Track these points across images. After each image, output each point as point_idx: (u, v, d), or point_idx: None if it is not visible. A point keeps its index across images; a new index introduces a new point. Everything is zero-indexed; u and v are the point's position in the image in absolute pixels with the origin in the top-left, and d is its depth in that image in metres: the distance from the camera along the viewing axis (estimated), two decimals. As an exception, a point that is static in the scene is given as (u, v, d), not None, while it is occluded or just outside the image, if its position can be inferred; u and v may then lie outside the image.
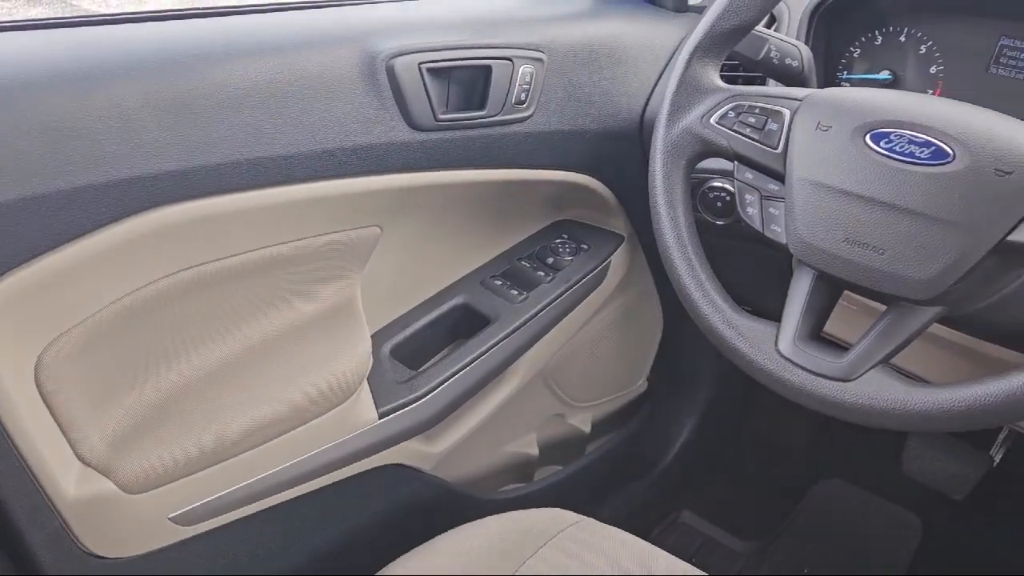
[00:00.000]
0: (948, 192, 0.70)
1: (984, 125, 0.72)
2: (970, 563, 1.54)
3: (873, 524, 1.62)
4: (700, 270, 0.84)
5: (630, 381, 1.55)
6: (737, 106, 0.83)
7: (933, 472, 1.51)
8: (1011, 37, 0.98)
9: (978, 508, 1.54)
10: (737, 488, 1.73)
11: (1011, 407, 0.67)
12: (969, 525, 1.58)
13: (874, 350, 0.75)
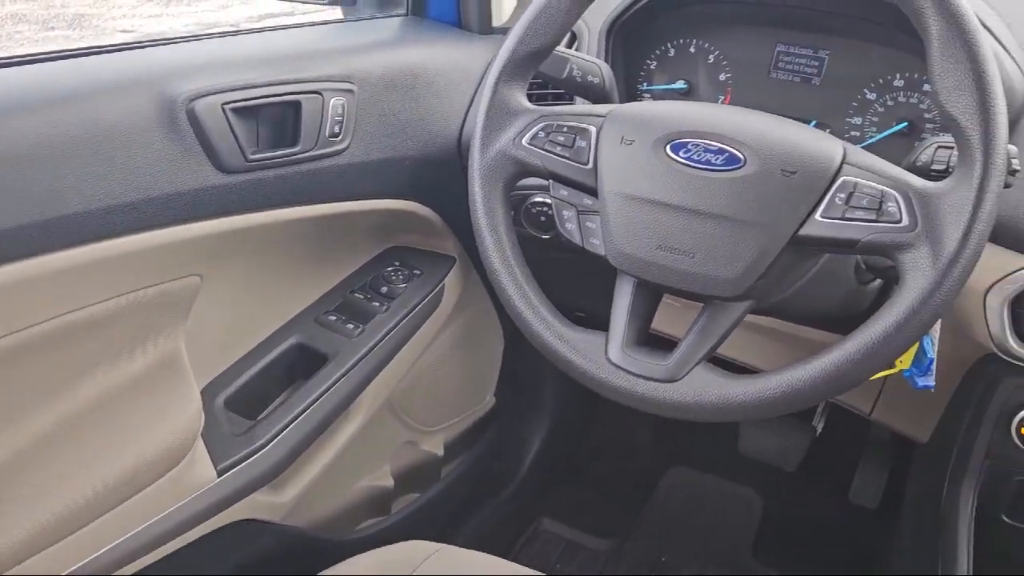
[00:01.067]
0: (743, 195, 0.75)
1: (769, 130, 0.78)
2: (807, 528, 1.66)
3: (719, 505, 1.71)
4: (528, 289, 0.86)
5: (477, 399, 1.56)
6: (546, 126, 0.86)
7: (766, 448, 1.61)
8: (785, 44, 1.07)
9: (808, 476, 1.66)
10: (592, 489, 1.77)
11: (818, 389, 0.73)
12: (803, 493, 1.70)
13: (695, 349, 0.79)
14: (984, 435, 0.97)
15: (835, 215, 0.73)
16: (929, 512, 1.08)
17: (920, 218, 0.70)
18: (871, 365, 0.71)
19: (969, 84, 0.68)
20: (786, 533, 1.65)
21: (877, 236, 0.71)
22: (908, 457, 1.35)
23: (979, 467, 0.99)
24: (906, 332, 0.70)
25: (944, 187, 0.70)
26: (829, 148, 0.76)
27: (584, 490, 1.77)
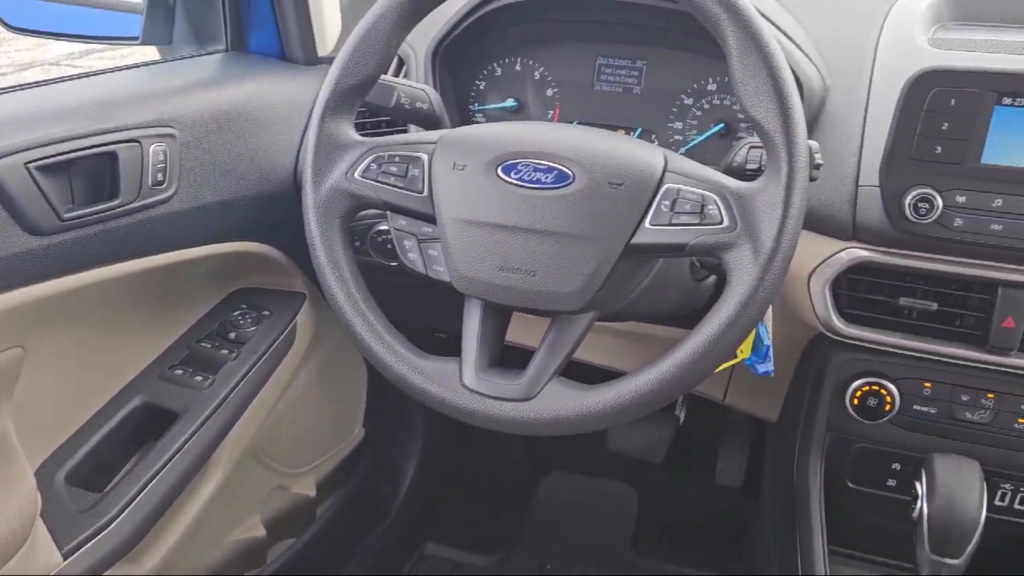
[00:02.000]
0: (575, 210, 0.77)
1: (594, 145, 0.80)
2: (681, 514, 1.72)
3: (596, 504, 1.75)
4: (376, 323, 0.85)
5: (347, 432, 1.53)
6: (378, 157, 0.85)
7: (633, 443, 1.66)
8: (605, 57, 1.11)
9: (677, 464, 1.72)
10: (472, 506, 1.77)
11: (667, 390, 0.76)
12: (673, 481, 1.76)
13: (547, 365, 0.80)
14: (823, 409, 1.04)
15: (662, 222, 0.76)
16: (784, 485, 1.14)
17: (739, 218, 0.74)
18: (711, 361, 0.75)
19: (768, 90, 0.73)
20: (662, 522, 1.71)
21: (702, 239, 0.75)
22: (763, 436, 1.42)
23: (823, 440, 1.06)
24: (738, 326, 0.74)
25: (757, 187, 0.74)
26: (651, 158, 0.79)
27: (464, 508, 1.76)
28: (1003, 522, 1.03)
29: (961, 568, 0.89)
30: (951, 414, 0.98)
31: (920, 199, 0.86)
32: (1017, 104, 0.83)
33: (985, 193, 0.86)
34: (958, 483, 0.90)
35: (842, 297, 0.96)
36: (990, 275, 0.89)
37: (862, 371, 1.00)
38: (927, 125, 0.85)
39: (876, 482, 1.06)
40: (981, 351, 0.92)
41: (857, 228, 0.92)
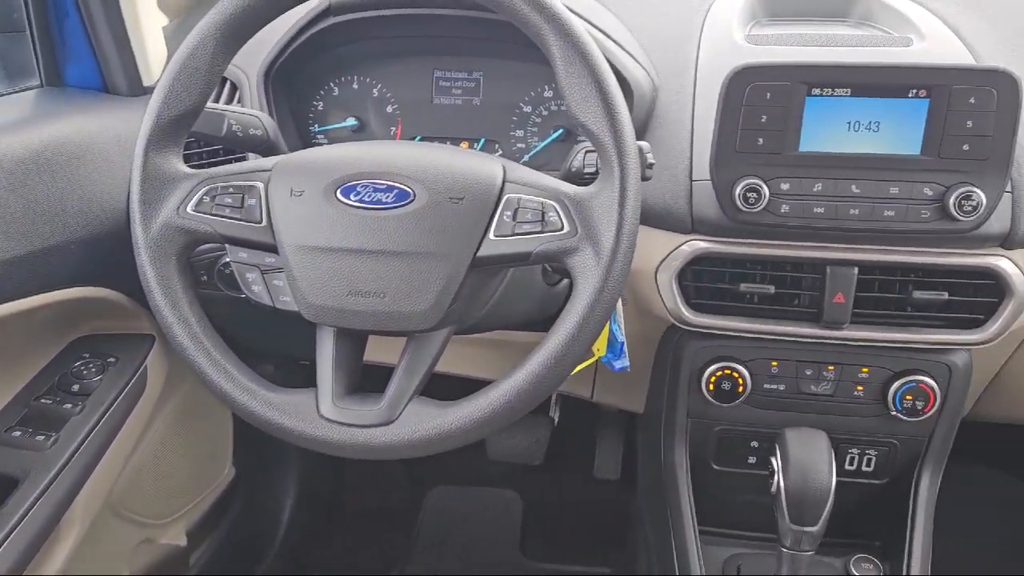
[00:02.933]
0: (418, 228, 0.77)
1: (433, 161, 0.80)
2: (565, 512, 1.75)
3: (482, 513, 1.75)
4: (224, 361, 0.81)
5: (215, 474, 1.46)
6: (210, 189, 0.82)
7: (512, 449, 1.67)
8: (442, 70, 1.11)
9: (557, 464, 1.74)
10: (356, 532, 1.74)
11: (526, 398, 0.76)
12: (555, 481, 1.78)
13: (406, 386, 0.79)
14: (683, 397, 1.08)
15: (506, 232, 0.77)
16: (655, 473, 1.17)
17: (578, 223, 0.76)
18: (566, 365, 0.76)
19: (594, 96, 0.74)
20: (547, 523, 1.73)
21: (546, 246, 0.76)
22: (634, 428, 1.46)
23: (685, 426, 1.10)
24: (588, 328, 0.75)
25: (592, 191, 0.76)
26: (490, 170, 0.79)
27: (349, 535, 1.73)
28: (853, 484, 1.09)
29: (819, 533, 0.94)
30: (798, 389, 1.04)
31: (748, 189, 0.90)
32: (825, 94, 0.88)
33: (806, 179, 0.91)
34: (809, 455, 0.95)
35: (689, 288, 1.00)
36: (819, 255, 0.95)
37: (714, 357, 1.04)
38: (748, 119, 0.89)
39: (738, 461, 1.11)
40: (818, 327, 0.97)
41: (695, 221, 0.95)
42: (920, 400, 1.00)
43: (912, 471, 1.08)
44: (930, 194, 0.89)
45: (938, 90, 0.86)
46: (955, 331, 0.96)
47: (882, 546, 1.11)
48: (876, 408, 1.03)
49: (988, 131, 0.86)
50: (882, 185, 0.90)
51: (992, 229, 0.90)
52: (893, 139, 0.89)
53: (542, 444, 1.69)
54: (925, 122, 0.87)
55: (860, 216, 0.90)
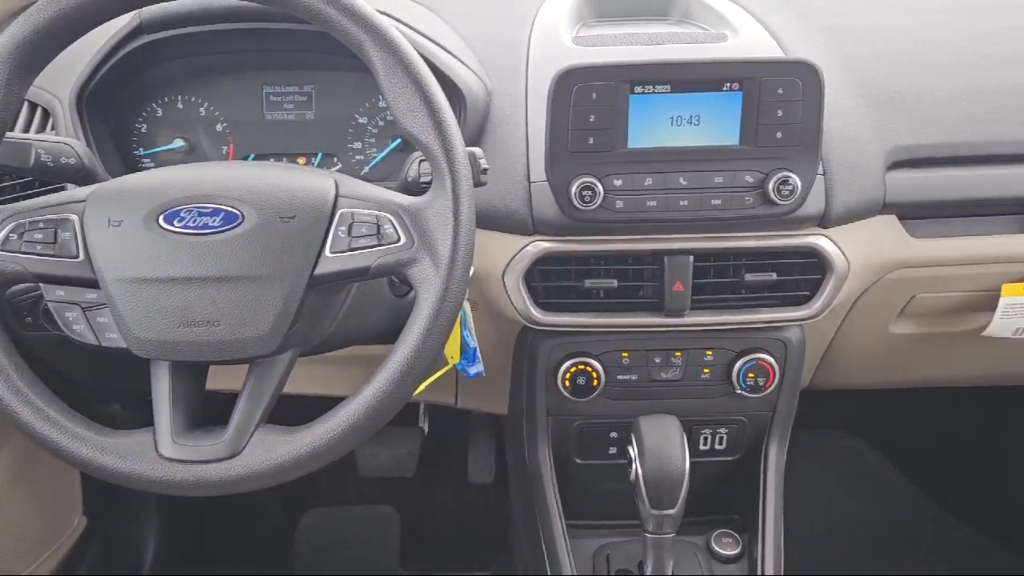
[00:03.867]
0: (249, 251, 0.74)
1: (260, 180, 0.78)
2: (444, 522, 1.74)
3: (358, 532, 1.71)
4: (48, 408, 0.76)
5: (64, 525, 1.37)
6: (18, 225, 0.76)
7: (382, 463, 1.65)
8: (271, 85, 1.08)
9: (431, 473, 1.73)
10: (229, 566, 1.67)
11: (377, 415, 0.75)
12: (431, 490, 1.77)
13: (250, 415, 0.76)
14: (541, 396, 1.09)
15: (342, 248, 0.75)
16: (522, 472, 1.18)
17: (415, 234, 0.75)
18: (413, 377, 0.75)
19: (419, 105, 0.74)
20: (426, 534, 1.71)
21: (384, 259, 0.75)
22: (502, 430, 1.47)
23: (546, 424, 1.11)
24: (433, 338, 0.74)
25: (426, 200, 0.76)
26: (322, 185, 0.77)
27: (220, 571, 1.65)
28: (709, 463, 1.14)
29: (679, 515, 0.97)
30: (649, 377, 1.07)
31: (584, 188, 0.92)
32: (647, 91, 0.91)
33: (637, 174, 0.94)
34: (662, 440, 0.98)
35: (537, 288, 1.01)
36: (656, 247, 0.98)
37: (568, 353, 1.05)
38: (577, 119, 0.91)
39: (600, 453, 1.14)
40: (661, 316, 1.01)
41: (536, 222, 0.97)
42: (761, 377, 1.05)
43: (761, 444, 1.13)
44: (751, 181, 0.93)
45: (749, 82, 0.91)
46: (786, 309, 1.01)
47: (740, 519, 1.15)
48: (723, 388, 1.08)
49: (797, 119, 0.91)
50: (707, 175, 0.94)
51: (809, 210, 0.95)
52: (713, 131, 0.93)
53: (413, 455, 1.68)
54: (740, 113, 0.92)
55: (690, 206, 0.94)
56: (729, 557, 1.10)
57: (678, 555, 1.06)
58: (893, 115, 1.02)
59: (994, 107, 1.03)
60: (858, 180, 0.98)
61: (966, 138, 1.00)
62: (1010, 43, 1.10)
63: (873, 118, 1.01)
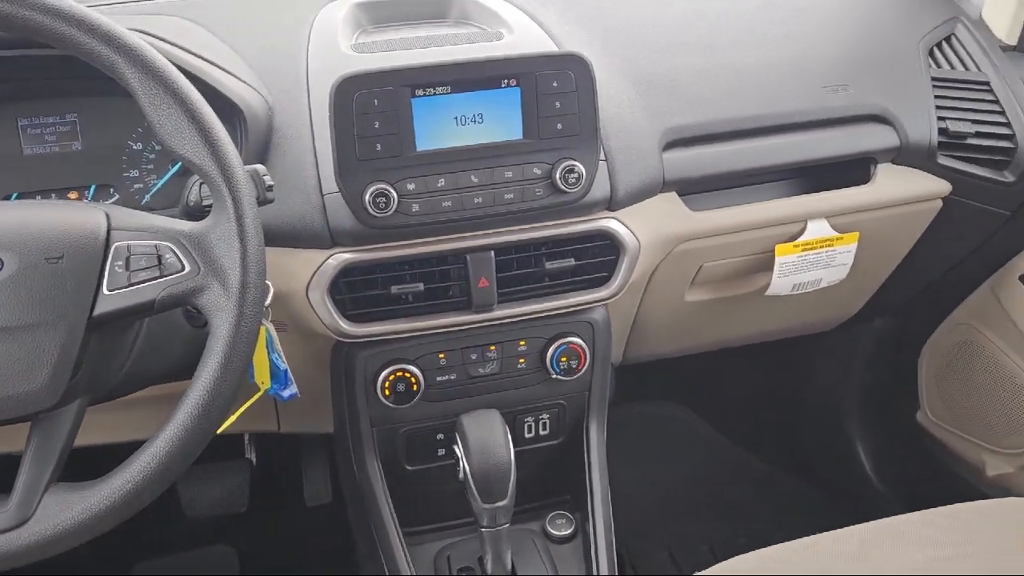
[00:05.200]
0: (14, 299, 0.68)
1: (20, 221, 0.72)
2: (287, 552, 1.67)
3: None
4: None
5: None
6: None
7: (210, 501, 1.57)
8: (28, 117, 1.00)
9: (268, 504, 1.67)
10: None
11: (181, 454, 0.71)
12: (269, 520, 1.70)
13: (38, 476, 0.70)
14: (363, 408, 1.07)
15: (121, 284, 0.71)
16: (354, 487, 1.16)
17: (200, 261, 0.72)
18: (216, 410, 0.72)
19: (186, 125, 0.71)
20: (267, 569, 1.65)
21: (170, 290, 0.71)
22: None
23: (371, 435, 1.10)
24: (232, 367, 0.72)
25: (208, 224, 0.73)
26: (91, 220, 0.73)
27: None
28: (536, 449, 1.17)
29: (510, 505, 0.99)
30: (467, 374, 1.08)
31: (377, 195, 0.92)
32: (428, 93, 0.92)
33: (429, 177, 0.94)
34: (485, 434, 0.99)
35: (344, 300, 0.99)
36: (457, 246, 0.99)
37: (385, 362, 1.05)
38: (362, 127, 0.91)
39: (428, 457, 1.14)
40: (471, 313, 1.02)
41: (334, 234, 0.95)
42: (573, 359, 1.09)
43: (583, 424, 1.17)
44: (539, 173, 0.96)
45: (525, 78, 0.94)
46: (588, 291, 1.06)
47: (572, 499, 1.19)
48: (539, 376, 1.11)
49: (574, 110, 0.95)
50: (497, 171, 0.96)
51: (596, 195, 1.00)
52: (497, 128, 0.95)
53: (244, 488, 1.61)
54: (521, 108, 0.95)
55: (484, 203, 0.96)
56: (564, 537, 1.13)
57: (516, 544, 1.08)
58: (661, 98, 1.08)
59: (749, 84, 1.12)
60: (637, 163, 1.03)
61: (728, 115, 1.09)
62: (756, 24, 1.20)
63: (644, 102, 1.07)
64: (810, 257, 1.16)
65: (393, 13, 1.21)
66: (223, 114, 0.91)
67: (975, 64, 1.21)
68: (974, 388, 1.42)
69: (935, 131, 1.14)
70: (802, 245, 1.15)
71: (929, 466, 1.57)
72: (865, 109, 1.13)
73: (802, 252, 1.16)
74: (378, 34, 1.16)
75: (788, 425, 1.81)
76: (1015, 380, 1.33)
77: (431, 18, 1.23)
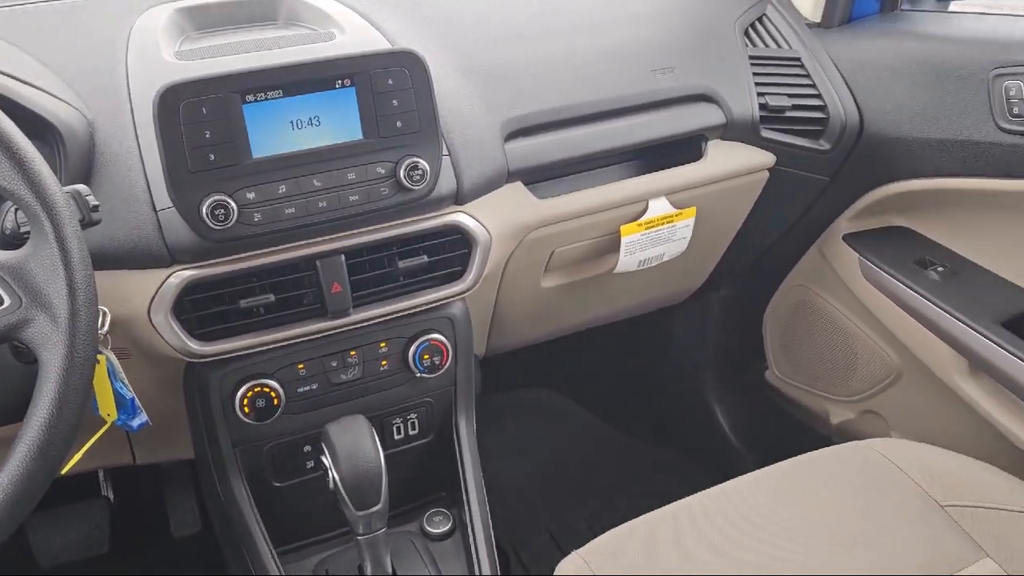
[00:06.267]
0: None
1: None
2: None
3: None
4: None
5: None
6: None
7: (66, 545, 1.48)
8: None
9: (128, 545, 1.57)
10: None
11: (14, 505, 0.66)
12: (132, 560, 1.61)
13: None
14: (222, 429, 1.03)
15: None
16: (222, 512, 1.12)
17: (20, 292, 0.67)
18: (55, 450, 0.68)
19: None
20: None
21: None
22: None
23: (234, 456, 1.06)
24: (68, 403, 0.67)
25: (26, 253, 0.68)
26: None
27: None
28: (408, 449, 1.16)
29: (384, 509, 0.97)
30: (330, 382, 1.06)
31: (215, 207, 0.88)
32: (260, 99, 0.89)
33: (269, 184, 0.91)
34: (352, 441, 0.97)
35: (191, 320, 0.95)
36: (305, 252, 0.97)
37: (241, 379, 1.01)
38: (192, 137, 0.87)
39: (297, 471, 1.11)
40: (327, 319, 1.00)
41: (172, 251, 0.91)
42: (436, 356, 1.09)
43: (452, 419, 1.18)
44: (383, 172, 0.96)
45: (360, 77, 0.92)
46: (444, 287, 1.06)
47: (448, 495, 1.20)
48: (403, 376, 1.10)
49: (412, 106, 0.95)
50: (340, 174, 0.94)
51: (443, 191, 1.00)
52: (336, 130, 0.93)
53: (103, 528, 1.52)
54: (358, 108, 0.93)
55: (329, 207, 0.94)
56: (442, 534, 1.14)
57: (395, 547, 1.08)
58: (499, 90, 1.10)
59: (582, 72, 1.15)
60: (481, 155, 1.04)
61: (564, 102, 1.11)
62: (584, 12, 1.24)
63: (483, 95, 1.08)
64: (653, 234, 1.21)
65: (218, 17, 1.17)
66: (37, 134, 0.86)
67: (786, 42, 1.30)
68: (813, 343, 1.53)
69: (756, 106, 1.21)
70: (645, 223, 1.20)
71: (781, 421, 1.67)
72: (692, 90, 1.19)
73: (646, 230, 1.20)
74: (203, 40, 1.12)
75: (652, 397, 1.89)
76: (847, 332, 1.44)
77: (259, 21, 1.19)
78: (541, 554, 1.57)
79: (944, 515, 0.98)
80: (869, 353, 1.41)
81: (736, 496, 1.02)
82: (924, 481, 1.02)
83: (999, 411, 1.19)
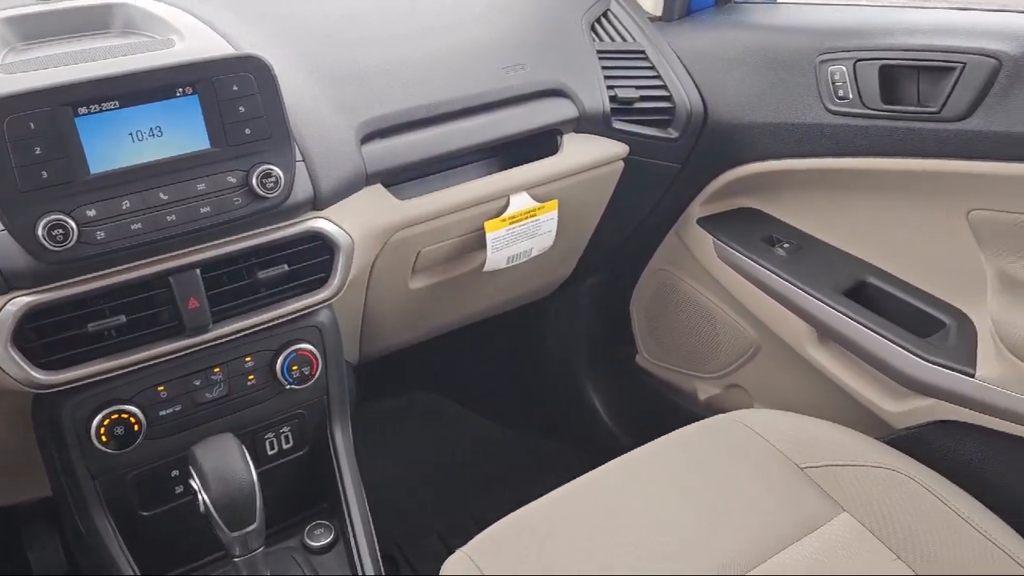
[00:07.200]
0: None
1: None
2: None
3: None
4: None
5: None
6: None
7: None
8: None
9: None
10: None
11: None
12: None
13: None
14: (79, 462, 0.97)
15: None
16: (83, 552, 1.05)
17: None
18: None
19: None
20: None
21: None
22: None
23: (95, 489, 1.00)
24: None
25: None
26: None
27: None
28: (284, 464, 1.13)
29: (261, 527, 0.94)
30: (194, 403, 1.02)
31: (52, 227, 0.83)
32: (93, 111, 0.85)
33: (112, 200, 0.87)
34: (221, 460, 0.94)
35: (35, 348, 0.89)
36: (156, 269, 0.93)
37: (96, 407, 0.96)
38: (20, 154, 0.82)
39: (166, 498, 1.06)
40: (185, 337, 0.96)
41: (7, 276, 0.85)
42: (305, 366, 1.07)
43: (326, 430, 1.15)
44: (234, 181, 0.93)
45: (202, 84, 0.89)
46: (308, 295, 1.03)
47: (329, 506, 1.17)
48: (272, 389, 1.07)
49: (260, 112, 0.92)
50: (188, 185, 0.91)
51: (300, 197, 0.98)
52: (180, 140, 0.90)
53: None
54: (203, 117, 0.90)
55: (179, 220, 0.90)
56: (324, 547, 1.12)
57: (275, 565, 1.05)
58: (352, 92, 1.08)
59: (434, 71, 1.15)
60: (337, 159, 1.02)
61: (418, 102, 1.11)
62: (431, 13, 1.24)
63: (335, 98, 1.07)
64: (517, 229, 1.23)
65: (47, 27, 1.10)
66: None
67: (631, 35, 1.34)
68: (677, 325, 1.59)
69: (606, 99, 1.25)
70: (508, 219, 1.21)
71: (654, 402, 1.73)
72: (543, 85, 1.21)
73: (509, 225, 1.22)
74: (30, 51, 1.05)
75: (529, 390, 1.91)
76: (708, 311, 1.51)
77: (92, 30, 1.13)
78: (430, 555, 1.56)
79: (804, 476, 1.04)
80: (729, 330, 1.48)
81: (611, 478, 1.05)
82: (783, 446, 1.08)
83: (847, 374, 1.27)
